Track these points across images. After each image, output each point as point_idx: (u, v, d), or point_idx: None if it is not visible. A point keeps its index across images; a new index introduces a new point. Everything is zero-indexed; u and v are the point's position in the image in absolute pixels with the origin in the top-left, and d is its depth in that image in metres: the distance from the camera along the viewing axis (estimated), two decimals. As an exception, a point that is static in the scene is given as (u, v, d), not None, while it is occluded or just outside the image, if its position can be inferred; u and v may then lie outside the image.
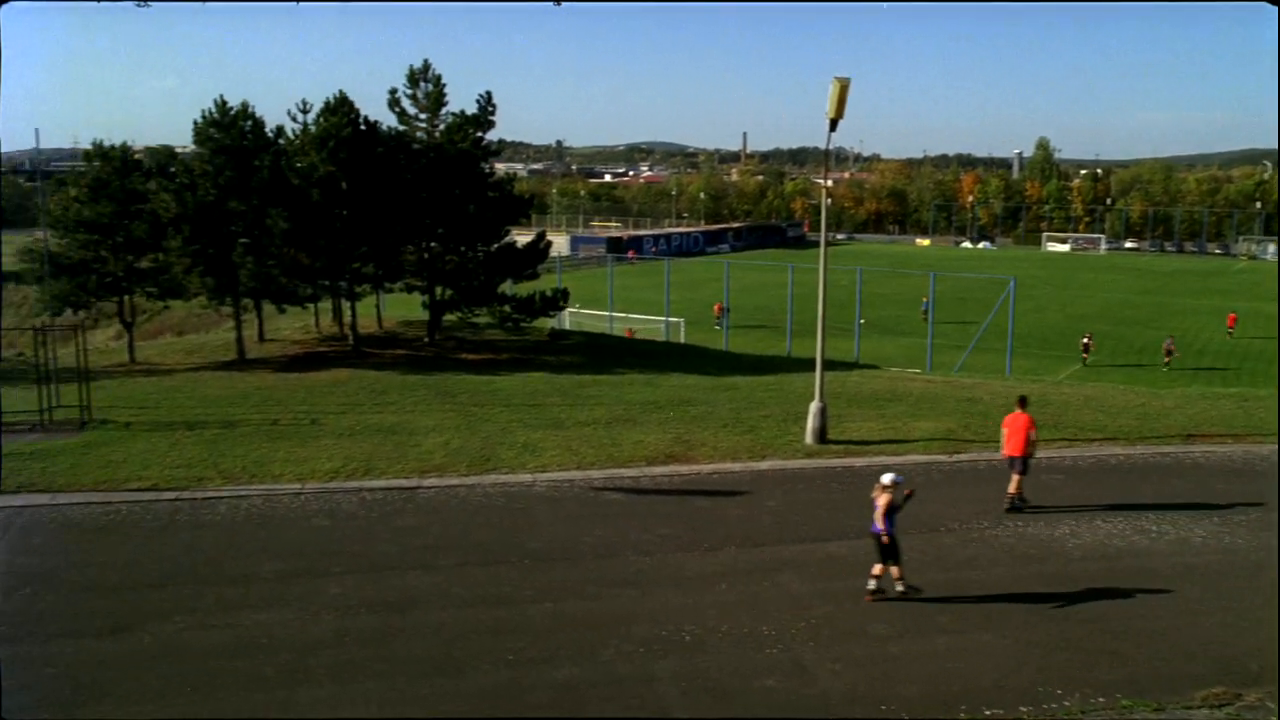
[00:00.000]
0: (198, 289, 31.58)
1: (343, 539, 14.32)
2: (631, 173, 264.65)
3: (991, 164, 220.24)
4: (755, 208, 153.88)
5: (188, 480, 16.98)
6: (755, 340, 44.09)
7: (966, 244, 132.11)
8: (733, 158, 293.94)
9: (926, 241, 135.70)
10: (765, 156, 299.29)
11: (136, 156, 36.68)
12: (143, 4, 18.80)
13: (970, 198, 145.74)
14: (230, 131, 31.32)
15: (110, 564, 13.44)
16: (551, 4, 20.19)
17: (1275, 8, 9.21)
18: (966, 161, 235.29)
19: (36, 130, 60.37)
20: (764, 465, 18.15)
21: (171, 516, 15.30)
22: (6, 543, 14.17)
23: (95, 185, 31.92)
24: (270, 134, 32.81)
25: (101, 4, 20.26)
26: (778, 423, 21.01)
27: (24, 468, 17.63)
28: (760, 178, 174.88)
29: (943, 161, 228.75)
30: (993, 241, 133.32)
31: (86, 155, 34.18)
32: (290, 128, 33.16)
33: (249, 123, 31.92)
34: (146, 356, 32.41)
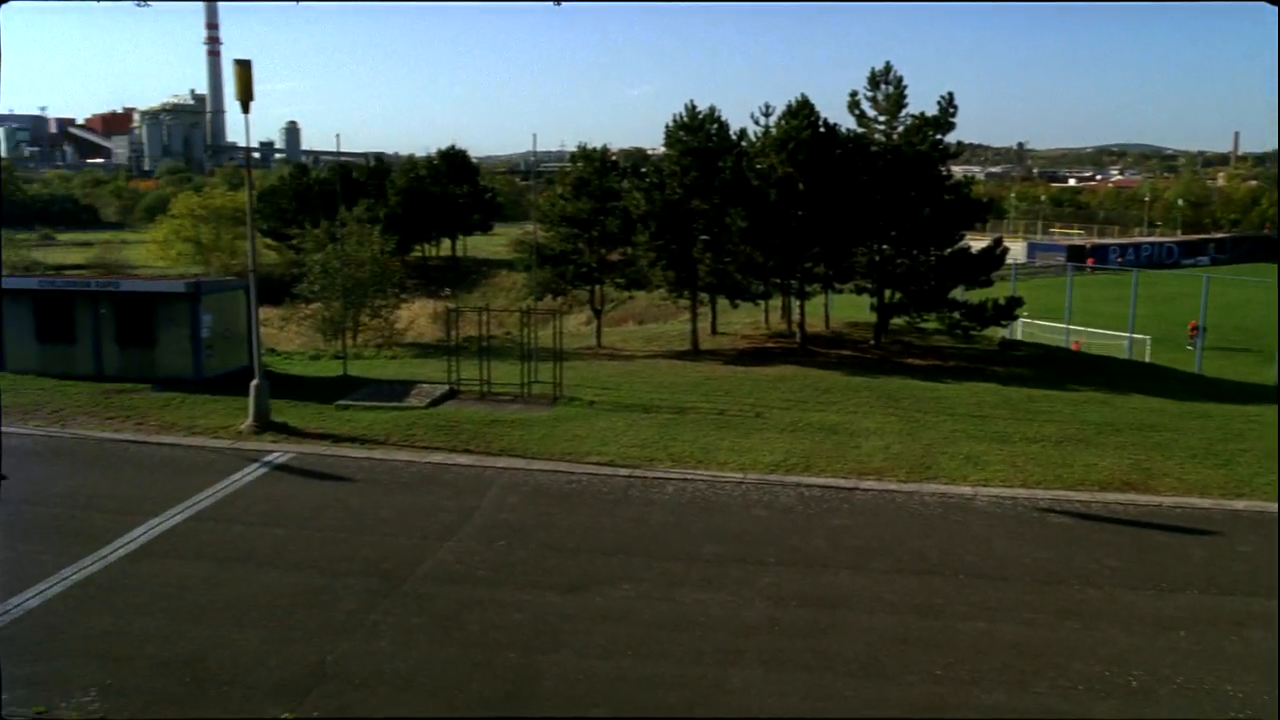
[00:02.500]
0: (660, 281, 33.72)
1: (779, 531, 14.71)
2: (1099, 176, 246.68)
3: None
4: (1244, 216, 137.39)
5: (641, 459, 18.25)
6: (1235, 365, 39.49)
7: None
8: (1220, 160, 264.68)
9: None
10: (1260, 159, 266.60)
11: (614, 158, 39.91)
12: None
13: None
14: (697, 134, 33.11)
15: (571, 528, 14.76)
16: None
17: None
18: None
19: (534, 135, 67.41)
20: (1239, 505, 16.25)
21: (625, 491, 16.53)
22: (490, 499, 16.02)
23: (578, 184, 35.17)
24: (734, 136, 34.29)
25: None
26: (1259, 459, 18.72)
27: (506, 434, 19.88)
28: (1253, 183, 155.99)
29: None
30: None
31: (572, 157, 37.75)
32: (752, 130, 34.49)
33: (715, 126, 33.58)
34: (611, 342, 35.21)
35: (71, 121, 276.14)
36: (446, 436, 19.77)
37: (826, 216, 31.41)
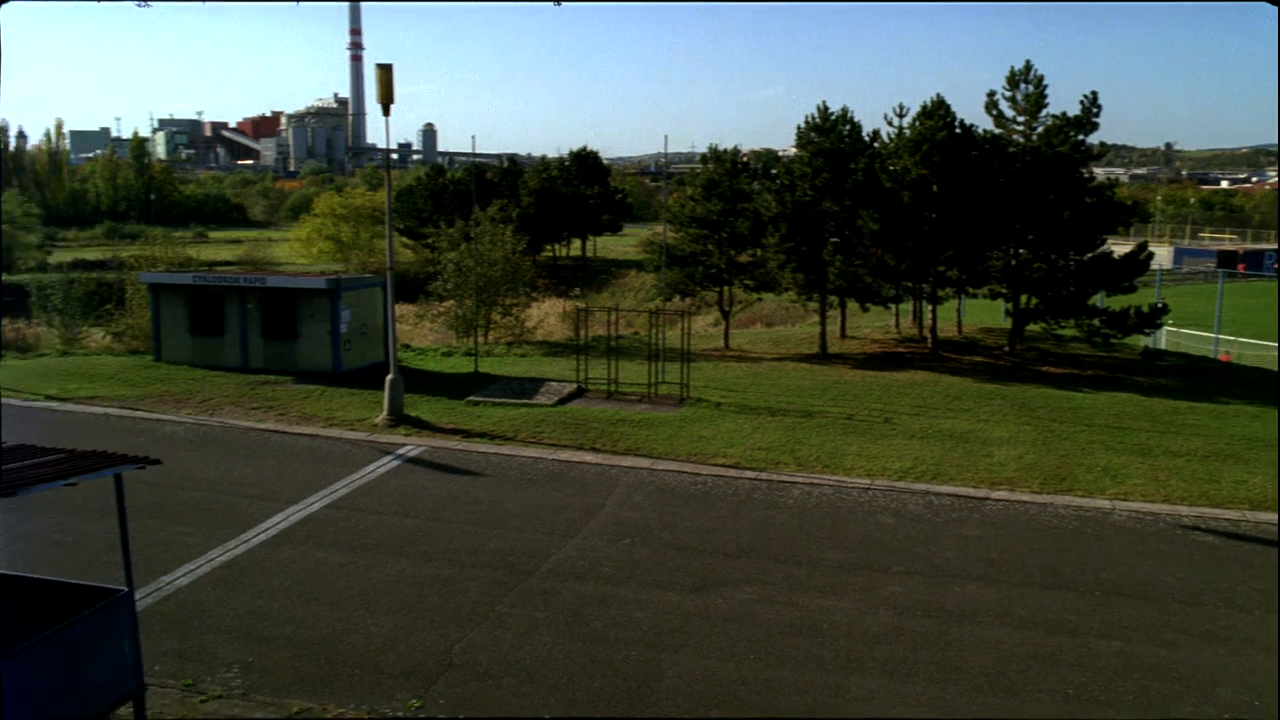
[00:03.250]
0: (789, 284, 33.46)
1: (906, 539, 14.46)
2: (1255, 179, 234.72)
3: None
4: None
5: (766, 462, 18.17)
6: (1404, 379, 37.09)
7: None
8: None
9: None
10: None
11: (744, 159, 39.78)
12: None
13: None
14: (829, 135, 32.76)
15: (694, 529, 14.79)
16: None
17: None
18: None
19: (665, 136, 67.69)
20: (1405, 528, 15.29)
21: (750, 494, 16.47)
22: (615, 497, 16.16)
23: (708, 185, 35.15)
24: (866, 137, 33.80)
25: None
26: None
27: (633, 433, 20.03)
28: None
29: None
30: None
31: (703, 158, 37.75)
32: (886, 131, 33.96)
33: (847, 127, 33.18)
34: (738, 344, 35.12)
35: (225, 125, 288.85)
36: (574, 434, 20.03)
37: (961, 219, 30.70)
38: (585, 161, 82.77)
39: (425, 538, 14.30)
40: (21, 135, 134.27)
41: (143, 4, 25.15)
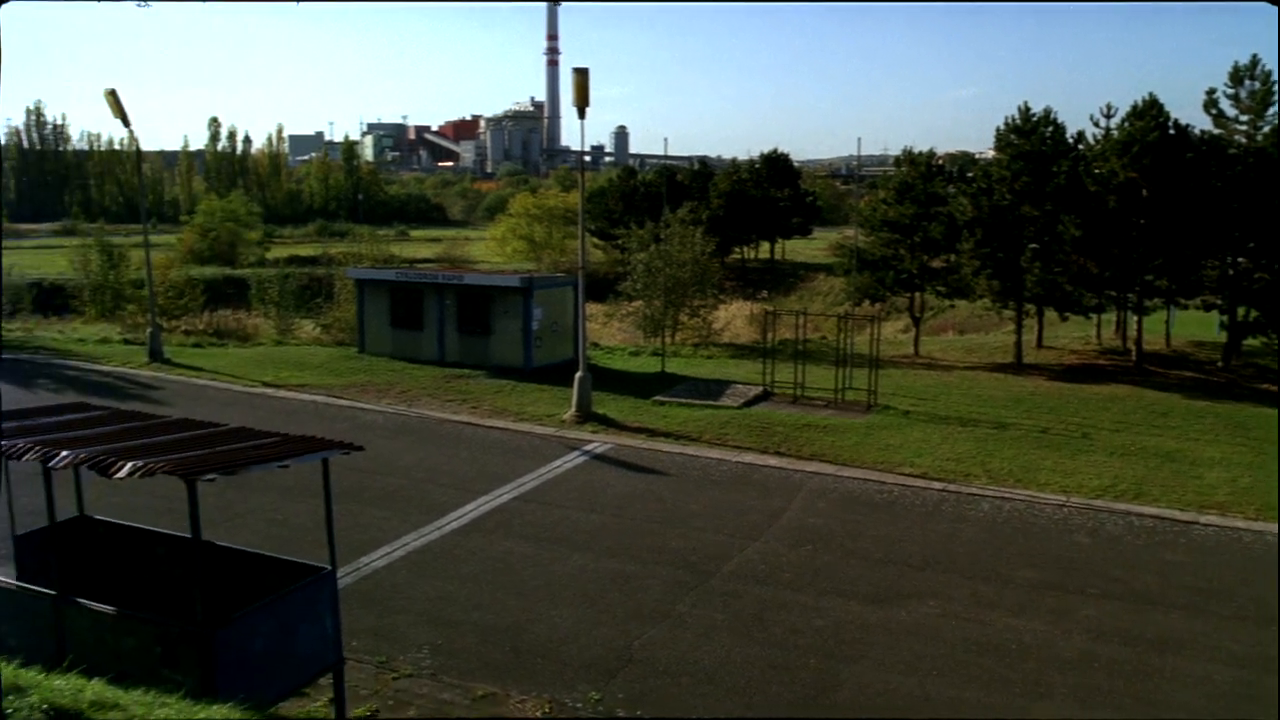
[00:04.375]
0: (983, 290, 32.42)
1: (1103, 561, 13.78)
2: None
3: None
4: None
5: (955, 474, 17.65)
6: None
7: None
8: None
9: None
10: None
11: (939, 162, 38.77)
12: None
13: None
14: (1030, 137, 31.53)
15: (878, 538, 14.51)
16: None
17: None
18: None
19: (858, 139, 66.67)
20: None
21: (937, 505, 16.05)
22: (798, 502, 16.04)
23: (901, 188, 34.47)
24: (1070, 139, 32.38)
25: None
26: None
27: (818, 439, 19.83)
28: None
29: None
30: None
31: (896, 161, 37.04)
32: (1091, 133, 32.44)
33: (1049, 129, 31.85)
34: (929, 351, 34.25)
35: (427, 129, 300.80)
36: (758, 437, 19.98)
37: (1172, 225, 29.02)
38: (776, 164, 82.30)
39: (609, 533, 14.54)
40: (247, 140, 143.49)
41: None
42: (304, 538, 13.58)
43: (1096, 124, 32.27)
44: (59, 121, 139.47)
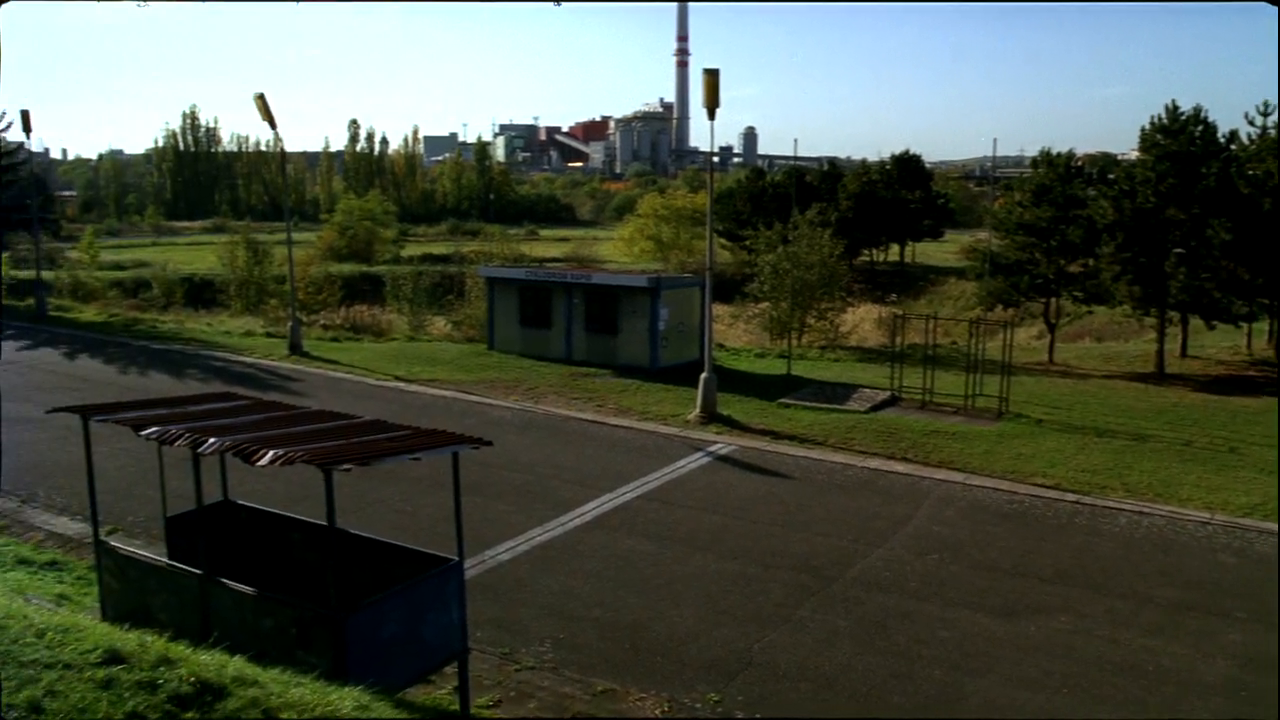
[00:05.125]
0: (1123, 296, 31.26)
1: (1251, 583, 13.12)
2: None
3: None
4: None
5: (1090, 486, 17.05)
6: None
7: None
8: None
9: None
10: None
11: (1078, 163, 37.52)
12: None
13: None
14: (1178, 137, 30.25)
15: (1008, 550, 14.12)
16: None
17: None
18: None
19: (994, 140, 65.07)
20: None
21: (1070, 518, 15.53)
22: (925, 510, 15.73)
23: (1038, 190, 33.47)
24: (1221, 139, 30.96)
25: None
26: None
27: (946, 445, 19.41)
28: None
29: None
30: None
31: (1033, 162, 35.96)
32: (1246, 132, 30.97)
33: (1199, 128, 30.50)
34: (1064, 358, 33.17)
35: (558, 130, 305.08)
36: (884, 443, 19.66)
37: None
38: (907, 165, 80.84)
39: (731, 535, 14.51)
40: (384, 141, 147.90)
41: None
42: (431, 529, 13.92)
43: (1251, 123, 30.86)
44: (211, 125, 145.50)
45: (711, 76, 20.67)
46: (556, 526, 14.73)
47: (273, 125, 28.64)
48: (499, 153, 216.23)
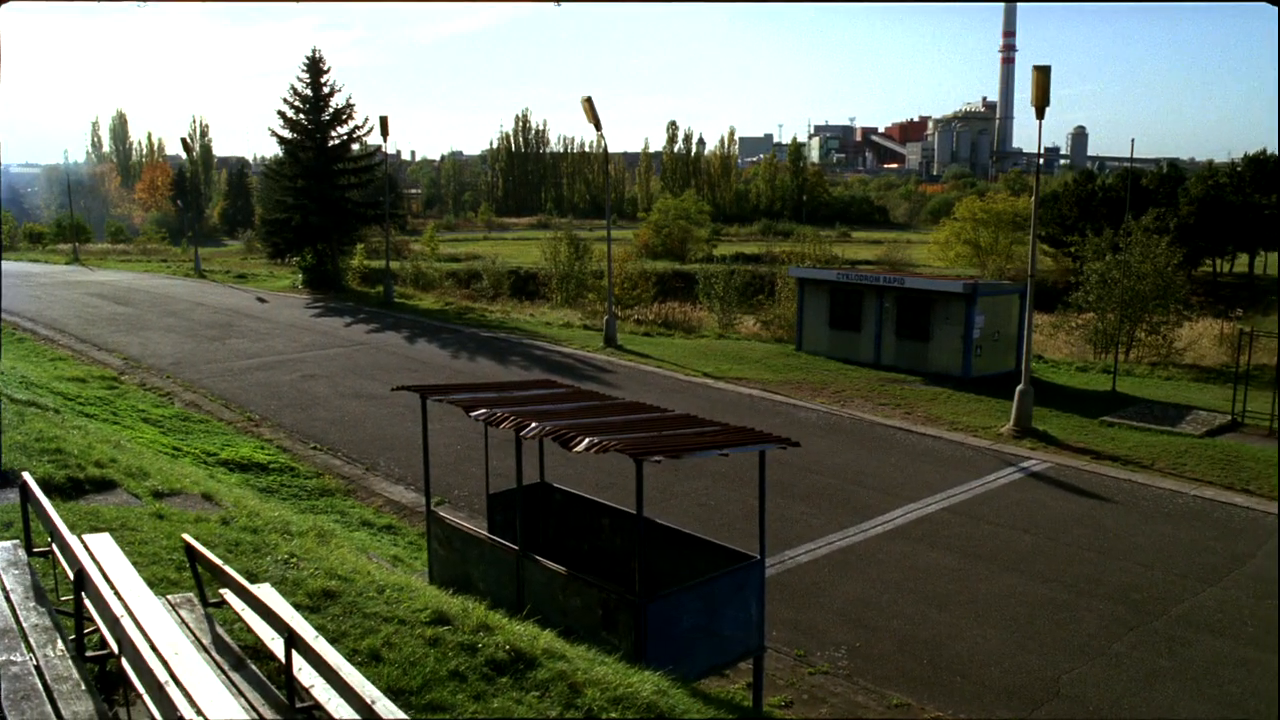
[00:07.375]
0: None
1: None
2: None
3: None
4: None
5: None
6: None
7: None
8: None
9: None
10: None
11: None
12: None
13: None
14: None
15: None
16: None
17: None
18: None
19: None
20: None
21: None
22: (1270, 548, 14.28)
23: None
24: None
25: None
26: None
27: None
28: None
29: None
30: None
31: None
32: None
33: None
34: None
35: (874, 130, 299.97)
36: (1222, 471, 17.99)
37: None
38: (1261, 166, 73.35)
39: (1041, 557, 13.78)
40: (701, 142, 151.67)
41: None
42: (731, 525, 14.14)
43: None
44: (540, 127, 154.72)
45: (1042, 74, 19.69)
46: (857, 533, 14.55)
47: (598, 127, 29.96)
48: (813, 154, 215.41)
